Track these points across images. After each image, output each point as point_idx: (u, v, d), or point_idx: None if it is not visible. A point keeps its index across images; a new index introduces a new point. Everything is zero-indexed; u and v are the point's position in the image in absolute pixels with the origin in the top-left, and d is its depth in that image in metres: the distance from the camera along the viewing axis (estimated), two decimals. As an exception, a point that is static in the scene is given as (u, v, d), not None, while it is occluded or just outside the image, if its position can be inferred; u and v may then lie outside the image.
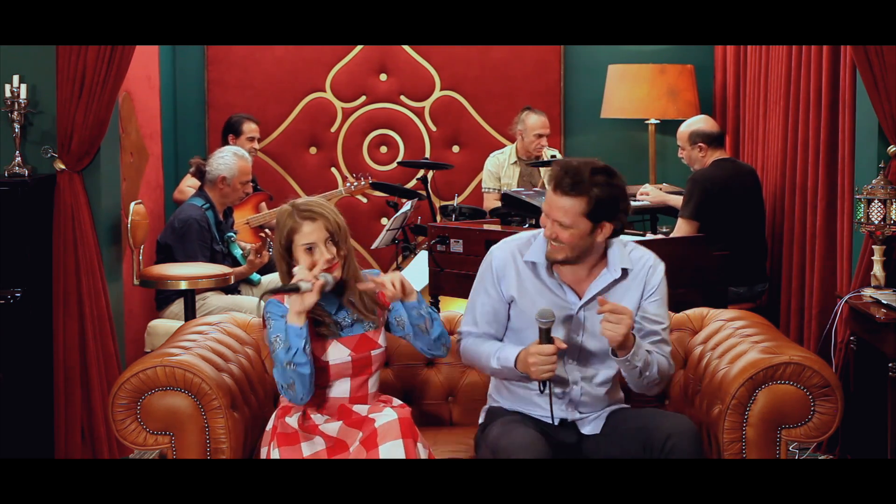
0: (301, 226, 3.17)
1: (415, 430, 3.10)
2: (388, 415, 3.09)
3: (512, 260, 3.28)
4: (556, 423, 3.24)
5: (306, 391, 3.13)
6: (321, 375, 3.20)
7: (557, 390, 3.26)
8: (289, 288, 3.12)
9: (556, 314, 3.12)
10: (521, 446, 3.05)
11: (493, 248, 3.34)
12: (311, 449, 3.16)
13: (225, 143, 6.26)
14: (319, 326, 3.21)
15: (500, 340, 3.32)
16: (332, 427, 3.18)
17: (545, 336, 3.09)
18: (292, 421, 3.21)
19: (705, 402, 3.41)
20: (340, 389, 3.24)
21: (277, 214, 3.26)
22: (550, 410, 3.18)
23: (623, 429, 3.23)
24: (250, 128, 6.33)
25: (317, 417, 3.22)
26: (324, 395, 3.24)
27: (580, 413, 3.30)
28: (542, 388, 3.16)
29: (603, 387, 3.31)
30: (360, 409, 3.20)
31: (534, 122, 6.33)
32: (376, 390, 3.32)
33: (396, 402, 3.31)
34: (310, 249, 3.17)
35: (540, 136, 6.33)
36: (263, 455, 3.25)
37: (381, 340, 3.29)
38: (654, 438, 3.11)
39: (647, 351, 3.19)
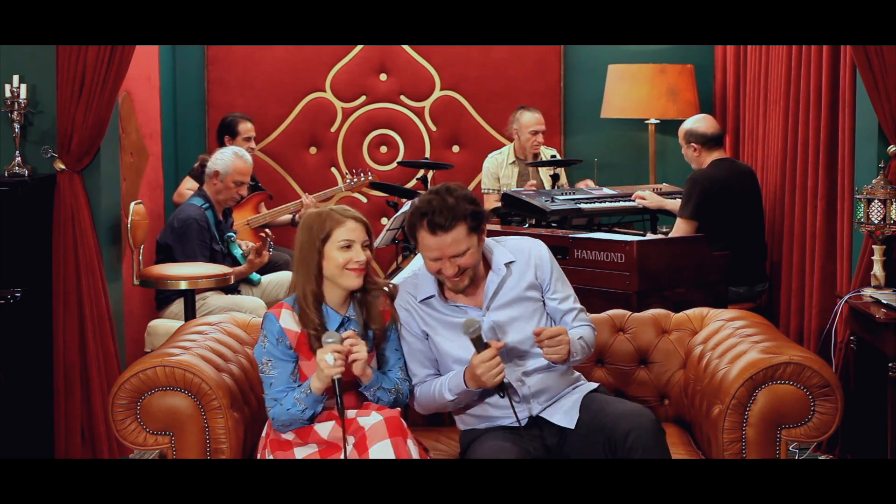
0: (345, 222, 3.20)
1: (403, 427, 3.09)
2: (373, 417, 3.09)
3: (409, 304, 3.35)
4: (523, 424, 3.24)
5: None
6: None
7: (511, 394, 3.26)
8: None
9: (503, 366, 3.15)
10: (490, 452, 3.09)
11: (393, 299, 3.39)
12: (304, 452, 3.16)
13: (221, 144, 6.24)
14: (315, 343, 3.19)
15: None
16: (325, 427, 3.18)
17: (479, 343, 3.14)
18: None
19: (705, 402, 3.41)
20: (329, 401, 3.20)
21: (306, 215, 3.27)
22: (513, 411, 3.20)
23: (591, 428, 3.22)
24: (246, 127, 6.30)
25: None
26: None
27: (540, 404, 3.30)
28: (501, 394, 3.19)
29: (545, 373, 3.30)
30: (349, 412, 3.18)
31: (528, 119, 6.33)
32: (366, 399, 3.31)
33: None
34: (348, 247, 3.17)
35: (535, 132, 6.33)
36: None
37: (372, 363, 3.27)
38: (616, 438, 3.12)
39: (579, 337, 3.28)
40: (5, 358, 4.31)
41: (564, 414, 3.29)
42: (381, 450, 3.02)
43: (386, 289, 3.34)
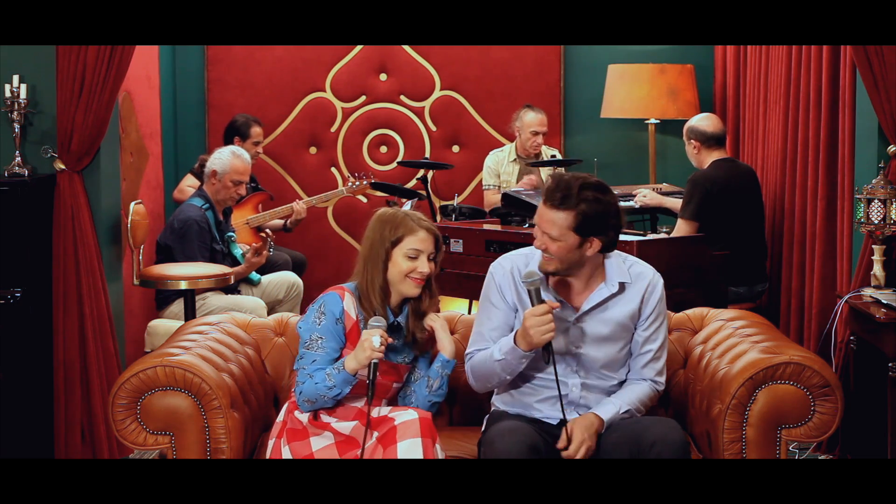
0: (418, 231, 3.21)
1: (434, 431, 3.10)
2: (409, 414, 3.09)
3: (511, 274, 3.34)
4: (555, 423, 3.24)
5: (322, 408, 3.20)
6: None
7: (553, 393, 3.26)
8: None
9: (555, 326, 3.14)
10: (507, 442, 3.08)
11: (494, 264, 3.39)
12: (320, 443, 3.16)
13: (229, 143, 6.24)
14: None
15: None
16: (345, 426, 3.18)
17: (536, 297, 3.15)
18: (303, 417, 3.21)
19: (705, 401, 3.41)
20: (359, 401, 3.22)
21: (381, 213, 3.29)
22: (556, 378, 3.19)
23: (615, 435, 3.22)
24: (256, 132, 6.29)
25: (326, 417, 3.21)
26: (340, 402, 3.23)
27: (578, 413, 3.30)
28: (546, 358, 3.17)
29: (601, 391, 3.33)
30: (382, 410, 3.19)
31: (530, 119, 6.33)
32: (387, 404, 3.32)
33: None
34: (414, 257, 3.19)
35: (535, 133, 6.32)
36: (270, 447, 3.24)
37: (405, 376, 3.32)
38: (641, 446, 3.11)
39: (626, 410, 3.27)
40: (5, 358, 4.31)
41: None
42: (411, 447, 3.02)
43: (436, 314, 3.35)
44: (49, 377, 4.57)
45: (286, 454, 3.18)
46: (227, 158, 5.47)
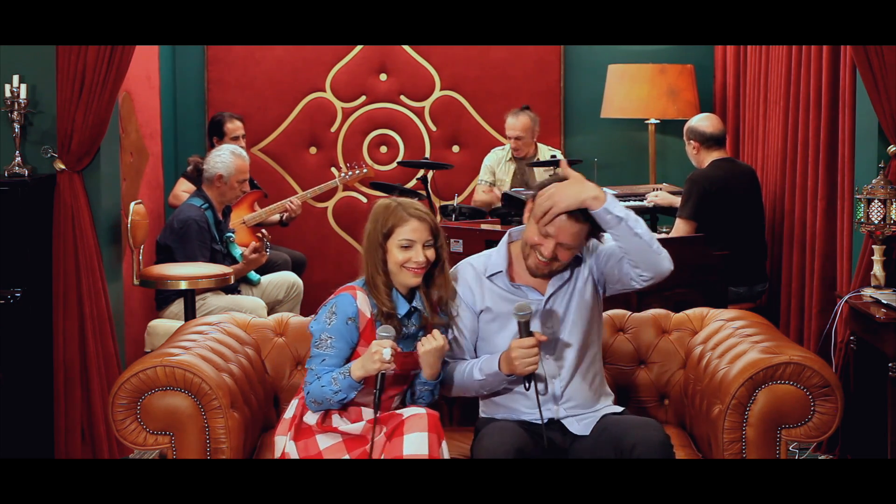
0: (408, 221, 3.17)
1: (440, 430, 3.09)
2: (418, 409, 3.10)
3: (477, 277, 3.35)
4: (544, 422, 3.24)
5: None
6: None
7: (538, 387, 3.27)
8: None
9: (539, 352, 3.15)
10: (495, 443, 3.09)
11: (457, 267, 3.39)
12: (326, 442, 3.16)
13: (211, 144, 6.24)
14: (383, 319, 3.18)
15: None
16: (355, 427, 3.17)
17: (524, 329, 3.15)
18: (310, 419, 3.20)
19: (705, 401, 3.41)
20: (369, 399, 3.17)
21: (375, 206, 3.26)
22: (538, 404, 3.20)
23: (602, 437, 3.23)
24: (233, 126, 6.26)
25: (336, 419, 3.20)
26: (352, 401, 3.19)
27: (565, 411, 3.30)
28: (527, 385, 3.20)
29: (580, 382, 3.31)
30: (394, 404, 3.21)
31: (507, 123, 6.38)
32: (399, 403, 3.30)
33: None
34: (408, 246, 3.17)
35: (509, 137, 6.36)
36: (278, 444, 3.22)
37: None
38: (623, 448, 3.11)
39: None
40: (5, 358, 4.31)
41: (584, 426, 3.30)
42: (417, 440, 3.02)
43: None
44: (49, 377, 4.57)
45: (293, 452, 3.17)
46: (230, 160, 5.48)
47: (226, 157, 5.49)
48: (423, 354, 3.17)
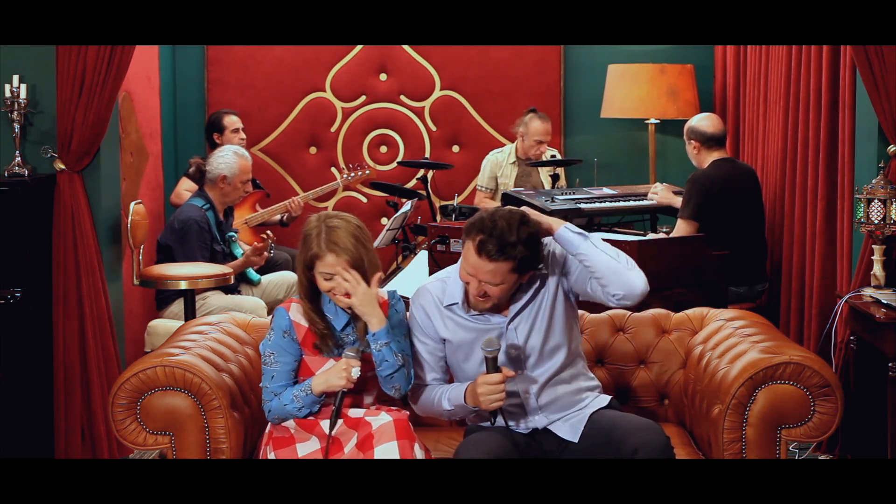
0: (325, 256, 3.13)
1: (411, 432, 3.11)
2: (382, 418, 3.11)
3: (435, 305, 3.29)
4: (525, 432, 3.23)
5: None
6: None
7: (514, 402, 3.24)
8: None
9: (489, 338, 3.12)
10: (478, 452, 3.07)
11: (413, 297, 3.34)
12: (306, 449, 3.17)
13: (210, 142, 6.26)
14: (319, 341, 3.21)
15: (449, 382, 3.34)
16: (311, 444, 3.19)
17: (492, 365, 3.10)
18: (289, 422, 3.22)
19: (705, 401, 3.41)
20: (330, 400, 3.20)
21: (306, 226, 3.21)
22: (506, 426, 3.18)
23: (596, 441, 3.19)
24: (231, 120, 6.29)
25: (312, 416, 3.22)
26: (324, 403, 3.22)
27: (546, 416, 3.27)
28: (492, 420, 3.16)
29: (555, 385, 3.27)
30: (356, 411, 3.20)
31: (536, 127, 6.33)
32: (373, 400, 3.30)
33: (394, 408, 3.28)
34: (328, 279, 3.15)
35: (539, 142, 6.33)
36: (260, 455, 3.26)
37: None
38: (624, 452, 3.07)
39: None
40: (5, 358, 4.31)
41: (571, 428, 3.26)
42: (387, 451, 3.03)
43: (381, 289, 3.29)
44: (49, 377, 4.57)
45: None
46: (233, 160, 5.48)
47: (229, 158, 5.49)
48: (357, 307, 3.13)
